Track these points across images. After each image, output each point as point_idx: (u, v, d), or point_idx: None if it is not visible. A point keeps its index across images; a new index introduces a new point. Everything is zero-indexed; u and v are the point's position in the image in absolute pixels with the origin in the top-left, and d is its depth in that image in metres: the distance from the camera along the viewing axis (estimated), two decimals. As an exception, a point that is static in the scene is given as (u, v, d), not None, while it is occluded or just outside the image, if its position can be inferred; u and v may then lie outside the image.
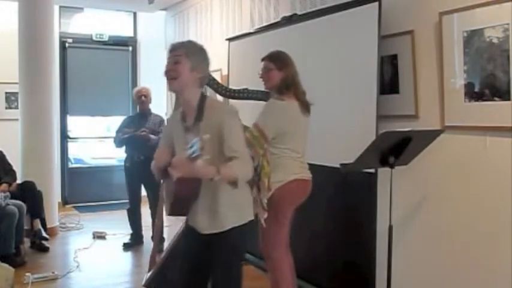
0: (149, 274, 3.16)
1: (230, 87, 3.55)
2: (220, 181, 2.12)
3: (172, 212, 2.32)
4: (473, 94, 2.82)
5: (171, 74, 2.22)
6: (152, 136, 5.14)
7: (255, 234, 3.56)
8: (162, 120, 5.40)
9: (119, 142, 5.25)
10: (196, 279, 2.38)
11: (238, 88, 3.35)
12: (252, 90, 3.28)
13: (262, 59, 3.08)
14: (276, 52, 3.09)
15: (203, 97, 2.28)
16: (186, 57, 2.21)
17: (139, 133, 5.08)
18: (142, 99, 5.28)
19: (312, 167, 3.10)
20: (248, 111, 3.11)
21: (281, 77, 2.99)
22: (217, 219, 2.27)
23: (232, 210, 2.27)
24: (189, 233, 2.42)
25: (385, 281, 2.86)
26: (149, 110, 5.36)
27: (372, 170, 3.21)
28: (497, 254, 2.72)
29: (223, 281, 2.29)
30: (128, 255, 5.18)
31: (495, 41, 2.68)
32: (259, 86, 3.17)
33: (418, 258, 3.19)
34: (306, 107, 3.02)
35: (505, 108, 2.64)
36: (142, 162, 5.18)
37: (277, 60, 3.03)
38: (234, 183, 2.14)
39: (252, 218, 2.37)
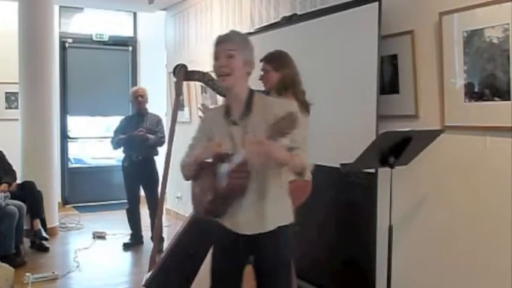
0: (149, 274, 3.16)
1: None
2: (290, 168, 2.04)
3: (208, 212, 2.18)
4: (473, 94, 2.82)
5: (224, 70, 2.08)
6: (150, 136, 5.14)
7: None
8: (159, 120, 5.40)
9: (115, 144, 5.26)
10: (230, 283, 2.27)
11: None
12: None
13: (260, 61, 3.08)
14: (272, 53, 3.09)
15: (251, 91, 2.17)
16: (239, 51, 2.08)
17: (136, 133, 5.08)
18: (139, 99, 5.28)
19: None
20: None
21: (278, 78, 2.99)
22: (265, 218, 2.13)
23: (280, 208, 2.17)
24: (220, 234, 2.25)
25: (385, 281, 2.85)
26: (146, 109, 5.36)
27: (372, 170, 3.21)
28: (497, 254, 2.72)
29: (281, 280, 2.18)
30: (128, 255, 5.18)
31: (495, 41, 2.68)
32: (259, 85, 3.17)
33: (418, 258, 3.19)
34: (305, 107, 3.02)
35: (505, 108, 2.64)
36: (141, 162, 5.19)
37: (273, 62, 3.04)
38: (300, 173, 2.06)
39: (293, 220, 2.26)
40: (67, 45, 7.44)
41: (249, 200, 2.11)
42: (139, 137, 5.07)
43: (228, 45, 2.09)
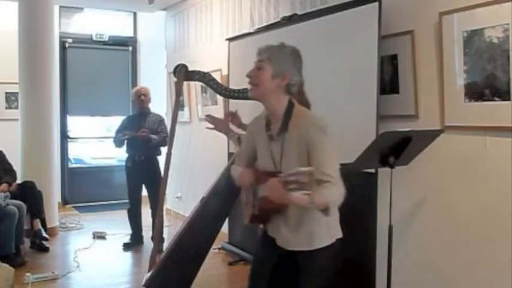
0: (149, 274, 3.16)
1: (230, 87, 3.54)
2: (312, 209, 2.01)
3: (253, 221, 2.22)
4: (473, 94, 2.82)
5: (252, 81, 2.11)
6: (153, 136, 5.14)
7: (255, 234, 3.56)
8: (161, 120, 5.40)
9: (118, 142, 5.25)
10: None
11: (239, 88, 3.35)
12: None
13: None
14: None
15: (291, 105, 2.11)
16: (269, 62, 2.08)
17: (139, 134, 5.08)
18: (142, 98, 5.28)
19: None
20: (248, 111, 3.11)
21: None
22: (305, 236, 2.12)
23: (321, 227, 2.12)
24: (267, 244, 2.27)
25: (385, 281, 2.85)
26: (148, 109, 5.36)
27: (372, 170, 3.21)
28: (497, 254, 2.72)
29: None
30: (128, 255, 5.18)
31: (495, 41, 2.68)
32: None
33: (418, 258, 3.19)
34: (305, 107, 3.01)
35: (505, 108, 2.64)
36: (143, 162, 5.19)
37: None
38: (325, 210, 1.99)
39: (341, 236, 2.23)
40: (67, 45, 7.44)
41: (290, 215, 2.13)
42: (142, 138, 5.07)
43: (261, 55, 2.12)
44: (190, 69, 3.19)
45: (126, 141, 5.22)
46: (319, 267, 2.15)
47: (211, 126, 3.25)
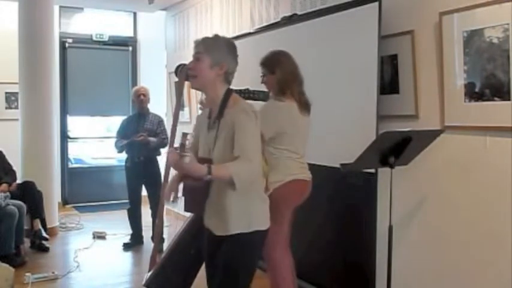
0: (149, 274, 3.15)
1: (230, 87, 3.54)
2: (215, 180, 2.08)
3: (186, 208, 2.30)
4: (473, 94, 2.82)
5: (191, 73, 2.20)
6: (151, 139, 5.13)
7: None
8: (161, 121, 5.40)
9: (119, 148, 5.27)
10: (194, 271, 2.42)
11: (240, 88, 3.35)
12: (253, 91, 3.28)
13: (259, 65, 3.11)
14: (266, 56, 3.09)
15: (228, 94, 2.22)
16: (206, 53, 2.17)
17: (136, 138, 5.07)
18: (141, 98, 5.27)
19: (312, 167, 3.10)
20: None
21: (276, 80, 3.00)
22: (223, 221, 2.19)
23: (239, 214, 2.17)
24: (205, 232, 2.34)
25: (385, 281, 2.86)
26: (147, 109, 5.36)
27: (372, 170, 3.21)
28: (498, 254, 2.72)
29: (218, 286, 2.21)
30: (128, 255, 5.18)
31: (495, 41, 2.68)
32: (260, 86, 3.17)
33: (418, 258, 3.19)
34: (305, 107, 3.02)
35: (505, 108, 2.64)
36: (143, 162, 5.19)
37: (267, 64, 3.06)
38: (231, 184, 2.02)
39: (264, 228, 2.23)
40: (67, 45, 7.43)
41: (211, 202, 2.22)
42: (140, 142, 5.06)
43: (197, 48, 2.21)
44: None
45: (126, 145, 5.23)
46: (231, 257, 2.18)
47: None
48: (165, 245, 4.31)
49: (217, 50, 2.18)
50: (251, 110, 2.16)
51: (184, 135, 1.97)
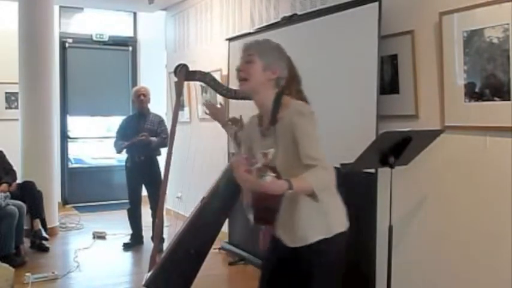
0: (149, 274, 3.16)
1: (230, 87, 3.54)
2: (295, 195, 1.92)
3: (256, 220, 2.10)
4: (473, 94, 2.82)
5: (241, 75, 2.08)
6: (153, 138, 5.13)
7: (255, 234, 3.56)
8: (161, 120, 5.40)
9: (119, 148, 5.26)
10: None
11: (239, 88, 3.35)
12: None
13: None
14: None
15: (278, 97, 2.08)
16: (258, 56, 2.06)
17: (138, 138, 5.07)
18: (141, 98, 5.27)
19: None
20: (249, 112, 3.11)
21: None
22: (299, 230, 2.06)
23: (315, 219, 2.04)
24: (275, 244, 2.20)
25: (385, 281, 2.86)
26: (148, 109, 5.36)
27: (372, 170, 3.21)
28: (498, 254, 2.72)
29: None
30: (128, 255, 5.18)
31: (495, 41, 2.68)
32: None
33: (418, 258, 3.19)
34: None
35: (505, 108, 2.64)
36: (143, 162, 5.20)
37: None
38: (312, 196, 1.88)
39: (343, 230, 2.12)
40: (67, 45, 7.44)
41: (283, 212, 2.06)
42: (142, 141, 5.06)
43: (249, 50, 2.10)
44: (190, 69, 3.19)
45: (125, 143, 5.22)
46: (318, 265, 2.06)
47: (208, 111, 3.15)
48: (165, 245, 4.31)
49: (270, 54, 2.08)
50: (307, 110, 2.04)
51: (265, 154, 1.79)
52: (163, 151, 5.18)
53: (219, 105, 3.05)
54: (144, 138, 5.05)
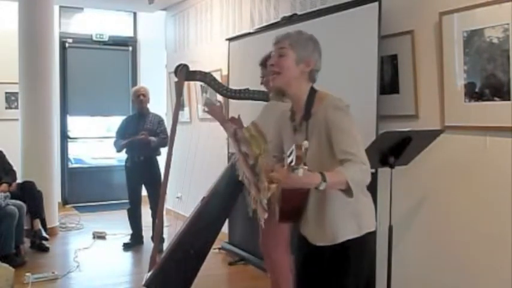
0: (149, 274, 3.16)
1: (230, 87, 3.54)
2: (329, 190, 1.82)
3: (281, 218, 2.05)
4: (473, 94, 2.82)
5: (274, 69, 2.00)
6: (152, 138, 5.13)
7: (255, 234, 3.56)
8: (161, 120, 5.40)
9: (118, 147, 5.26)
10: None
11: (240, 88, 3.35)
12: (253, 91, 3.28)
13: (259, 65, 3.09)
14: (266, 56, 3.08)
15: (312, 92, 2.01)
16: (291, 49, 1.99)
17: (138, 137, 5.07)
18: (141, 98, 5.28)
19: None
20: (248, 111, 3.11)
21: None
22: (328, 229, 1.97)
23: (346, 218, 1.96)
24: (300, 243, 2.12)
25: (385, 281, 2.86)
26: (147, 109, 5.36)
27: (372, 170, 3.19)
28: (498, 254, 2.72)
29: None
30: (128, 255, 5.18)
31: (495, 41, 2.68)
32: (260, 86, 3.17)
33: (418, 258, 3.19)
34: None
35: (505, 108, 2.64)
36: (143, 162, 5.20)
37: (266, 65, 3.03)
38: (347, 191, 1.78)
39: (373, 229, 2.06)
40: (67, 45, 7.44)
41: (311, 209, 2.01)
42: (142, 141, 5.06)
43: (281, 43, 2.02)
44: (191, 69, 3.19)
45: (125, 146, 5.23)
46: (344, 264, 1.97)
47: (207, 109, 3.13)
48: (165, 245, 4.31)
49: (303, 46, 2.00)
50: (343, 104, 1.96)
51: (298, 147, 1.67)
52: (163, 151, 5.19)
53: (218, 104, 3.04)
54: (143, 137, 5.06)
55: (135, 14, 7.91)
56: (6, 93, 6.84)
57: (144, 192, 5.41)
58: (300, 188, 1.84)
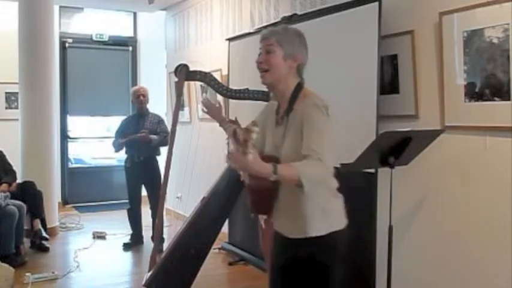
0: (149, 274, 3.16)
1: (230, 87, 3.55)
2: (281, 181, 1.88)
3: (252, 209, 2.12)
4: (473, 94, 2.82)
5: (263, 67, 2.03)
6: (153, 136, 5.13)
7: (255, 234, 3.57)
8: (160, 120, 5.40)
9: (117, 146, 5.26)
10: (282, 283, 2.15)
11: (239, 88, 3.35)
12: (253, 91, 3.29)
13: None
14: None
15: (298, 87, 2.04)
16: (278, 45, 2.01)
17: (139, 135, 5.08)
18: (141, 98, 5.28)
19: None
20: (248, 111, 3.11)
21: None
22: (299, 223, 2.00)
23: (316, 215, 1.99)
24: (276, 235, 2.15)
25: (385, 281, 2.86)
26: (147, 109, 5.36)
27: (372, 170, 3.21)
28: (497, 254, 2.72)
29: None
30: (128, 255, 5.18)
31: (495, 41, 2.68)
32: (260, 86, 3.16)
33: (418, 258, 3.19)
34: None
35: (505, 108, 2.64)
36: (142, 162, 5.20)
37: None
38: (299, 186, 1.81)
39: (342, 227, 2.08)
40: (67, 45, 7.44)
41: (284, 202, 2.04)
42: (142, 139, 5.06)
43: (268, 40, 2.04)
44: (191, 69, 3.19)
45: (125, 144, 5.22)
46: (316, 261, 2.01)
47: (206, 110, 3.13)
48: (165, 245, 4.31)
49: (289, 42, 2.03)
50: (322, 104, 1.97)
51: (247, 130, 1.74)
52: (163, 151, 5.19)
53: (217, 105, 3.04)
54: (143, 135, 5.06)
55: (135, 14, 7.92)
56: (6, 93, 6.84)
57: (144, 192, 5.41)
58: (263, 180, 1.86)
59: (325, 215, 2.02)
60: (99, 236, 5.70)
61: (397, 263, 2.95)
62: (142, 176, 5.24)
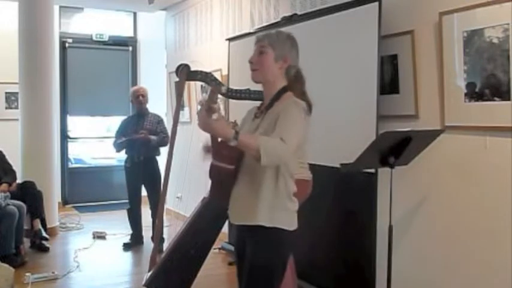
0: (149, 274, 3.16)
1: (231, 87, 3.54)
2: (244, 166, 2.06)
3: (211, 193, 2.28)
4: (473, 94, 2.82)
5: (254, 66, 2.19)
6: (152, 137, 5.13)
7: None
8: (160, 120, 5.40)
9: (117, 146, 5.26)
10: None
11: (240, 88, 3.35)
12: (254, 91, 3.28)
13: None
14: None
15: (284, 89, 2.17)
16: (270, 47, 2.16)
17: (138, 135, 5.08)
18: (140, 98, 5.28)
19: (312, 167, 3.10)
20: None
21: None
22: (246, 209, 2.10)
23: (264, 205, 2.06)
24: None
25: (385, 281, 2.86)
26: (147, 109, 5.36)
27: (372, 170, 3.21)
28: (497, 254, 2.72)
29: (250, 283, 2.11)
30: (128, 255, 5.18)
31: (495, 41, 2.68)
32: (260, 86, 3.16)
33: (418, 258, 3.19)
34: (307, 107, 3.01)
35: (505, 108, 2.64)
36: (142, 162, 5.20)
37: None
38: (256, 158, 1.87)
39: (286, 227, 2.10)
40: (67, 45, 7.44)
41: (238, 188, 2.16)
42: (142, 139, 5.06)
43: (261, 42, 2.19)
44: (192, 69, 3.19)
45: (125, 144, 5.22)
46: (261, 246, 2.08)
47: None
48: (165, 245, 4.31)
49: (281, 44, 2.18)
50: (302, 105, 2.08)
51: (213, 93, 1.96)
52: (163, 151, 5.19)
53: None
54: (143, 135, 5.06)
55: (135, 14, 7.92)
56: (6, 93, 6.85)
57: (144, 192, 5.41)
58: (224, 166, 2.06)
59: (274, 210, 2.09)
60: (99, 236, 5.70)
61: (397, 263, 2.95)
62: (142, 176, 5.24)
